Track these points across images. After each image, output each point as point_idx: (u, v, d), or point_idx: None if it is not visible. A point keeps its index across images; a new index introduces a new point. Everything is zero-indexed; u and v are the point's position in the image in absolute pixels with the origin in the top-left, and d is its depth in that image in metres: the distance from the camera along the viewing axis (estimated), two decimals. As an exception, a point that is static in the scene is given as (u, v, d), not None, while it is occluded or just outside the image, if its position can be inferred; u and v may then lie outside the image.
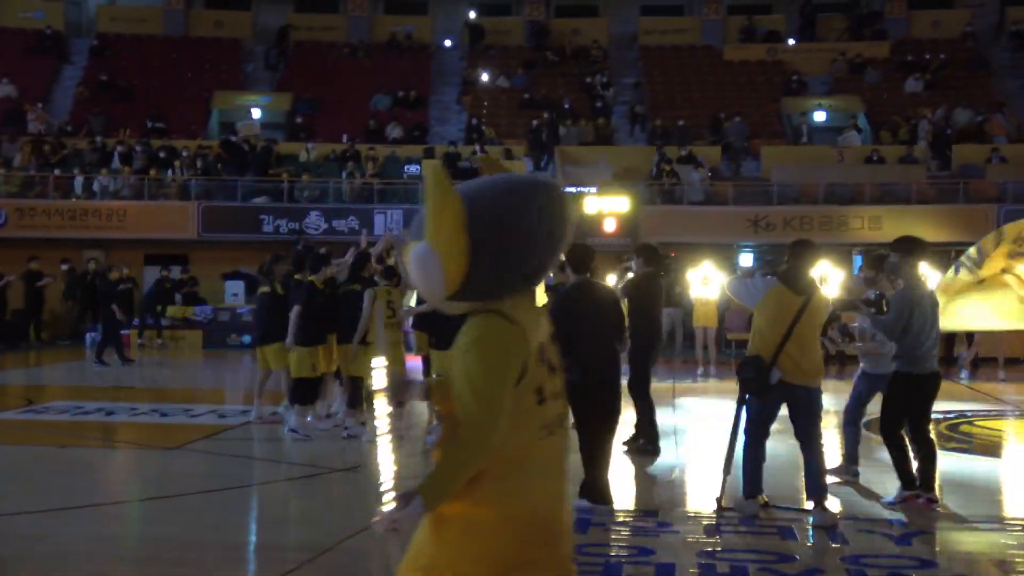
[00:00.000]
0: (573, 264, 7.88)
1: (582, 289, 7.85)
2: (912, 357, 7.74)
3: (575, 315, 7.53)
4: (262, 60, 34.33)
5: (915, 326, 7.66)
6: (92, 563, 6.42)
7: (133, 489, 8.94)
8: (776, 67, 33.26)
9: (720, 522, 7.46)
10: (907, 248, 7.86)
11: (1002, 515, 8.22)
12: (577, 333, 7.30)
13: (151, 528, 7.46)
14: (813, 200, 25.37)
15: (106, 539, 7.09)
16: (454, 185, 3.07)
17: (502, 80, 33.00)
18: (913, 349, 7.70)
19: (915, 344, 7.70)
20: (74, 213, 25.17)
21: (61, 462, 10.00)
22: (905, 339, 7.71)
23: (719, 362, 18.94)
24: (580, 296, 7.78)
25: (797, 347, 7.32)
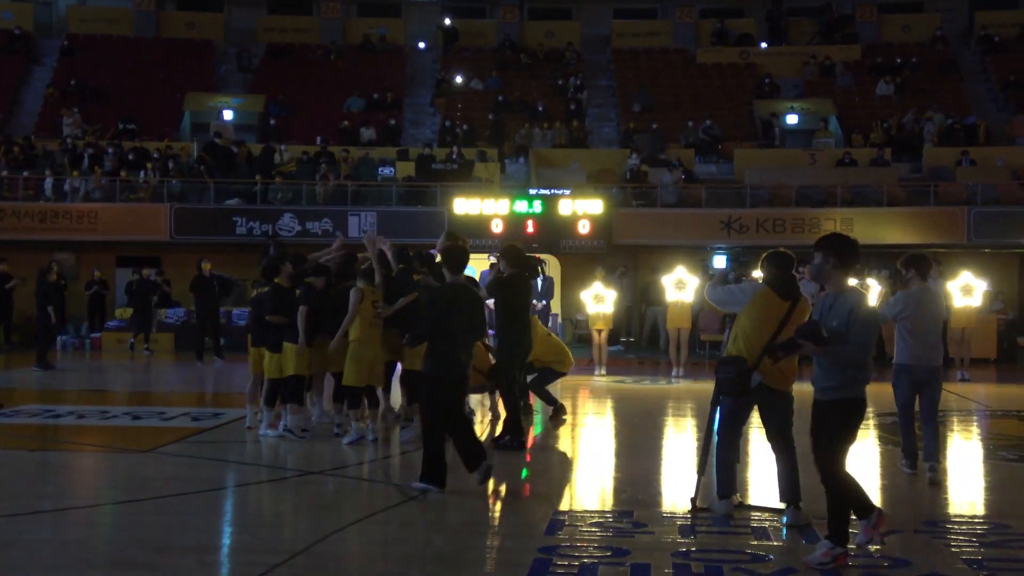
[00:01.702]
0: (449, 265, 8.72)
1: (454, 289, 8.54)
2: (855, 378, 6.49)
3: (441, 313, 8.32)
4: (234, 62, 34.16)
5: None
6: (62, 569, 6.34)
7: (105, 493, 8.85)
8: (748, 70, 33.44)
9: (695, 522, 7.47)
10: (835, 249, 6.56)
11: (976, 514, 8.27)
12: (444, 329, 8.25)
13: (123, 532, 7.37)
14: (786, 202, 25.49)
15: (77, 543, 7.00)
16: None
17: (476, 82, 32.98)
18: (859, 370, 6.49)
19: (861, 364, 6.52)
20: (44, 215, 24.93)
21: (31, 466, 9.89)
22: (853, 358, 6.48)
23: (691, 363, 19.03)
24: (450, 296, 8.46)
25: None
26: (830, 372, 6.44)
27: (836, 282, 6.51)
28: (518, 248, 11.00)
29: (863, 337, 6.38)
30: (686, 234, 24.66)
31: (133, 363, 20.64)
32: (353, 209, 24.92)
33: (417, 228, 23.88)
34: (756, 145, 29.90)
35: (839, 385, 6.40)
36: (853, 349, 6.37)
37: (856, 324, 6.36)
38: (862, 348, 6.40)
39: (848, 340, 6.35)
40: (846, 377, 6.40)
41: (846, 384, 6.40)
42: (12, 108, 31.55)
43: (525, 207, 23.78)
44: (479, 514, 8.06)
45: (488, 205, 23.72)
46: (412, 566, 6.55)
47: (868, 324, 6.45)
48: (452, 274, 8.68)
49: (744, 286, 7.89)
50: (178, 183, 26.19)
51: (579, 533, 7.23)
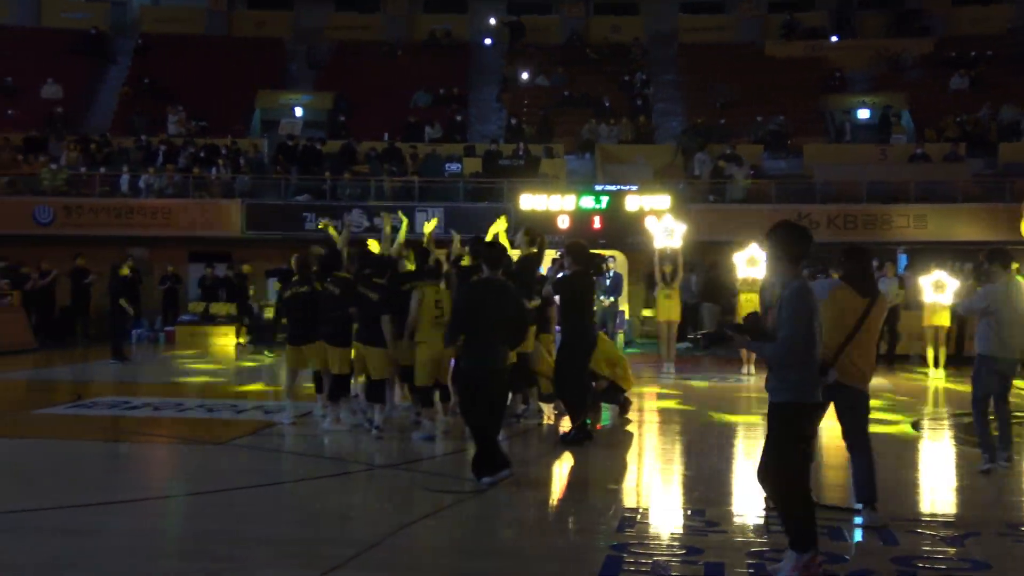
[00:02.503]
0: (487, 261, 8.82)
1: (487, 285, 8.66)
2: (800, 380, 5.93)
3: (477, 307, 8.44)
4: (303, 59, 34.49)
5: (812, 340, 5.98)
6: (136, 557, 6.44)
7: (178, 484, 8.98)
8: (818, 64, 32.94)
9: (768, 522, 7.35)
10: (782, 238, 6.05)
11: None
12: (476, 324, 8.38)
13: (197, 523, 7.47)
14: (856, 198, 25.10)
15: (152, 533, 7.11)
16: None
17: (541, 78, 32.93)
18: (801, 370, 5.94)
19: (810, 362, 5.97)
20: (120, 211, 25.40)
21: (107, 456, 10.08)
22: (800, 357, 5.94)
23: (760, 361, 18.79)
24: (483, 290, 8.61)
25: (858, 349, 7.23)
26: (773, 372, 6.00)
27: (785, 274, 5.98)
28: (582, 245, 10.92)
29: (790, 334, 5.80)
30: (755, 231, 24.18)
31: (205, 356, 20.94)
32: (420, 205, 25.02)
33: (483, 224, 23.68)
34: (826, 140, 29.46)
35: (780, 386, 5.91)
36: (777, 347, 5.84)
37: (784, 320, 5.83)
38: (786, 346, 5.80)
39: (780, 336, 5.85)
40: (787, 378, 5.87)
41: (788, 386, 5.87)
42: (88, 106, 32.20)
43: (591, 203, 23.66)
44: (550, 509, 8.04)
45: (554, 201, 23.65)
46: (483, 560, 6.54)
47: (797, 320, 5.81)
48: (490, 270, 8.77)
49: (821, 283, 7.75)
50: (248, 179, 26.52)
51: (651, 530, 7.17)
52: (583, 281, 10.61)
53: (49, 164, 26.68)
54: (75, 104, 31.47)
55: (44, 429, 11.38)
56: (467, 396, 8.63)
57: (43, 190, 25.78)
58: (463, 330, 8.54)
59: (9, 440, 10.70)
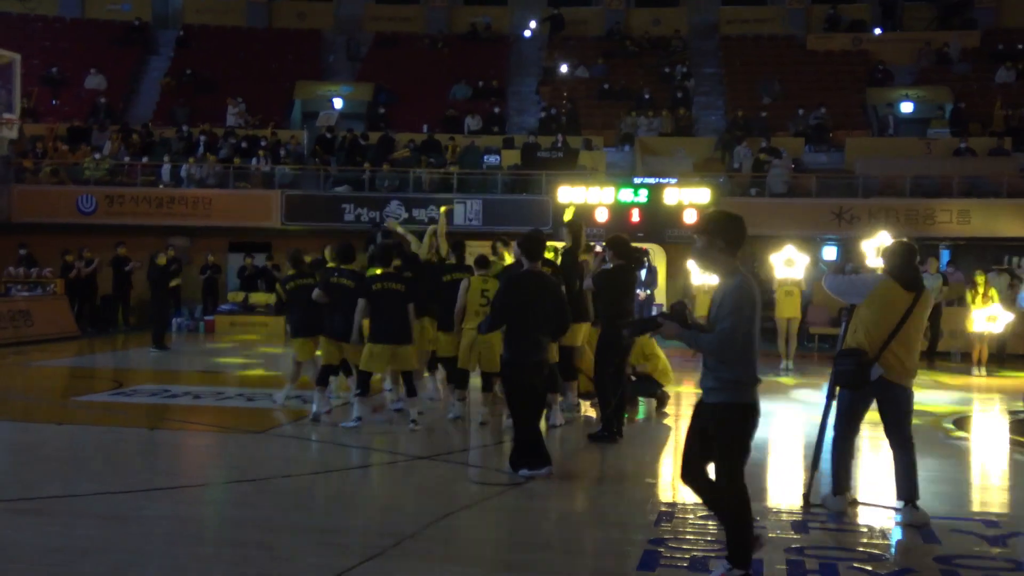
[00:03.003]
0: (527, 252, 8.74)
1: (529, 277, 8.63)
2: (736, 380, 5.61)
3: (516, 299, 8.45)
4: (343, 51, 34.61)
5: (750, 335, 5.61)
6: (177, 545, 6.50)
7: (218, 472, 9.05)
8: (861, 57, 32.60)
9: (807, 519, 7.30)
10: (721, 229, 5.64)
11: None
12: (517, 317, 8.39)
13: (237, 511, 7.53)
14: (899, 192, 24.83)
15: (191, 520, 7.18)
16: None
17: (581, 70, 32.84)
18: (737, 369, 5.59)
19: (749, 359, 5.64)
20: (161, 201, 25.65)
21: (148, 444, 10.19)
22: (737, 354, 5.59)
23: (800, 355, 18.67)
24: (525, 283, 8.57)
25: (902, 344, 7.15)
26: (708, 370, 5.67)
27: (724, 266, 5.62)
28: (624, 239, 10.87)
29: (729, 327, 5.44)
30: (795, 224, 24.16)
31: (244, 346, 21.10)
32: (459, 196, 25.05)
33: (522, 216, 23.91)
34: (868, 134, 29.16)
35: (716, 386, 5.59)
36: (715, 339, 5.49)
37: (725, 313, 5.48)
38: (724, 339, 5.46)
39: (719, 328, 5.49)
40: (722, 377, 5.55)
41: (723, 385, 5.56)
42: (131, 97, 32.52)
43: (630, 196, 23.56)
44: (588, 503, 8.03)
45: (592, 194, 23.57)
46: (521, 552, 6.54)
47: (738, 314, 5.45)
48: (529, 261, 8.75)
49: (866, 276, 7.65)
50: (289, 171, 26.69)
51: (688, 525, 7.14)
52: (625, 275, 10.54)
53: (92, 154, 26.98)
54: (118, 95, 31.81)
55: (85, 416, 11.53)
56: (511, 389, 8.67)
57: (86, 179, 26.10)
58: (504, 323, 8.56)
59: (51, 426, 10.86)
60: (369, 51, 34.43)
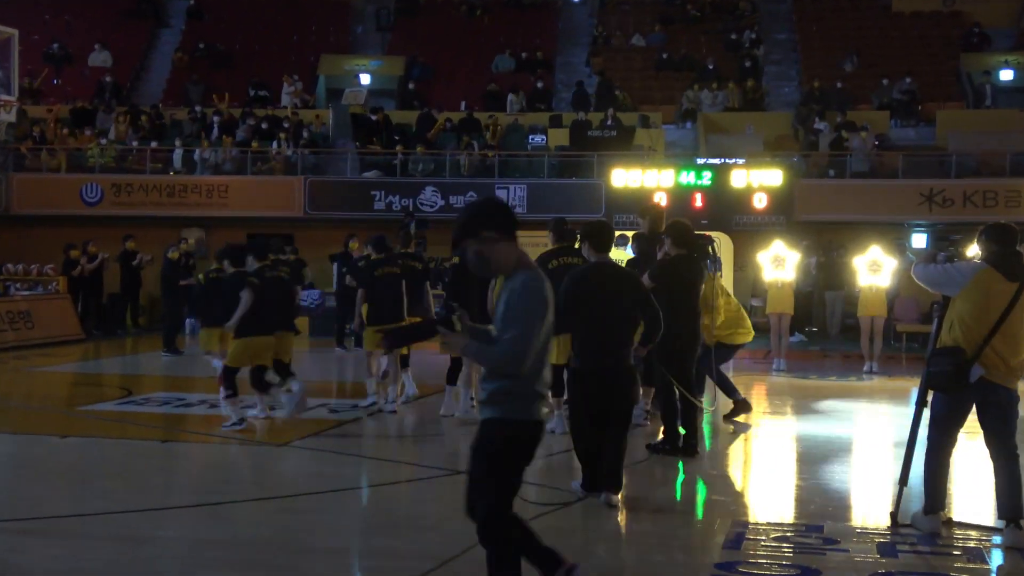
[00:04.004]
0: (593, 242, 8.56)
1: (598, 270, 8.45)
2: (519, 392, 5.15)
3: (584, 297, 8.27)
4: (372, 21, 34.76)
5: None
6: (198, 569, 6.57)
7: (238, 488, 9.13)
8: (953, 19, 32.25)
9: (895, 540, 7.25)
10: (484, 217, 5.18)
11: None
12: (583, 317, 8.24)
13: (259, 530, 7.59)
14: (998, 171, 24.55)
15: (211, 542, 7.25)
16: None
17: (637, 39, 32.74)
18: (519, 381, 5.13)
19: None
20: (173, 189, 25.93)
21: (162, 457, 10.31)
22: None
23: (885, 357, 18.50)
24: (594, 278, 8.40)
25: (1005, 341, 7.07)
26: (485, 381, 5.19)
27: (503, 261, 5.15)
28: (685, 224, 10.77)
29: (520, 335, 4.92)
30: (879, 209, 23.98)
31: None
32: (501, 182, 25.09)
33: (571, 202, 23.90)
34: (962, 106, 28.81)
35: (490, 399, 5.13)
36: (505, 351, 4.96)
37: (513, 317, 4.97)
38: (516, 350, 4.93)
39: (506, 337, 4.97)
40: (499, 389, 5.10)
41: (499, 399, 5.10)
42: (139, 75, 32.90)
43: (692, 179, 23.44)
44: (647, 524, 8.00)
45: (650, 177, 23.48)
46: (573, 579, 6.53)
47: (528, 320, 4.96)
48: (596, 252, 8.58)
49: (961, 265, 7.53)
50: (312, 155, 26.86)
51: (761, 548, 7.10)
52: (687, 266, 10.41)
53: (97, 138, 27.33)
54: (125, 72, 32.21)
55: (93, 427, 11.68)
56: (577, 406, 8.44)
57: (91, 166, 26.44)
58: (569, 326, 8.32)
59: (55, 439, 11.00)
60: (400, 20, 34.56)
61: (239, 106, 29.37)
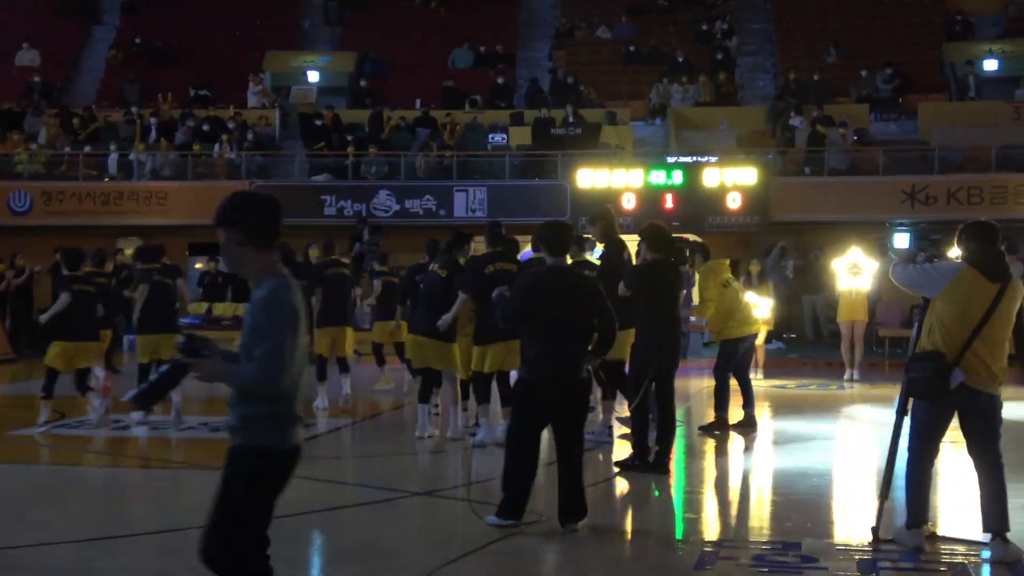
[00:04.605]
0: (549, 244, 8.37)
1: (554, 275, 8.28)
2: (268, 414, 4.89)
3: (538, 303, 8.10)
4: (320, 14, 34.70)
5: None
6: (139, 601, 6.57)
7: (183, 515, 9.10)
8: (936, 6, 32.57)
9: (877, 557, 7.34)
10: (236, 215, 5.10)
11: None
12: (536, 324, 8.03)
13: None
14: (983, 167, 24.81)
15: (157, 573, 7.24)
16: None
17: (603, 31, 32.88)
18: (282, 401, 4.90)
19: None
20: (108, 196, 25.76)
21: (99, 484, 10.26)
22: None
23: (867, 363, 18.68)
24: (549, 282, 8.21)
25: (987, 344, 7.15)
26: (232, 404, 4.90)
27: (252, 267, 4.92)
28: (660, 227, 10.81)
29: (269, 350, 4.66)
30: (859, 207, 24.17)
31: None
32: (460, 184, 25.12)
33: (534, 204, 23.94)
34: (945, 97, 29.14)
35: (240, 424, 4.85)
36: (250, 375, 4.70)
37: (262, 332, 4.72)
38: (264, 373, 4.67)
39: (256, 354, 4.69)
40: (249, 413, 4.82)
41: (249, 423, 4.82)
42: (71, 74, 32.67)
43: (663, 178, 23.61)
44: (615, 545, 8.06)
45: (618, 177, 23.63)
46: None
47: (277, 335, 4.68)
48: (553, 255, 8.37)
49: (941, 265, 7.63)
50: (258, 157, 26.78)
51: (735, 569, 7.18)
52: (664, 271, 10.42)
53: (26, 143, 27.12)
54: (55, 72, 31.96)
55: (24, 453, 11.62)
56: (523, 419, 8.15)
57: (19, 173, 26.22)
58: (520, 333, 8.28)
59: (-16, 466, 10.94)
60: (351, 14, 34.51)
61: (179, 107, 29.24)
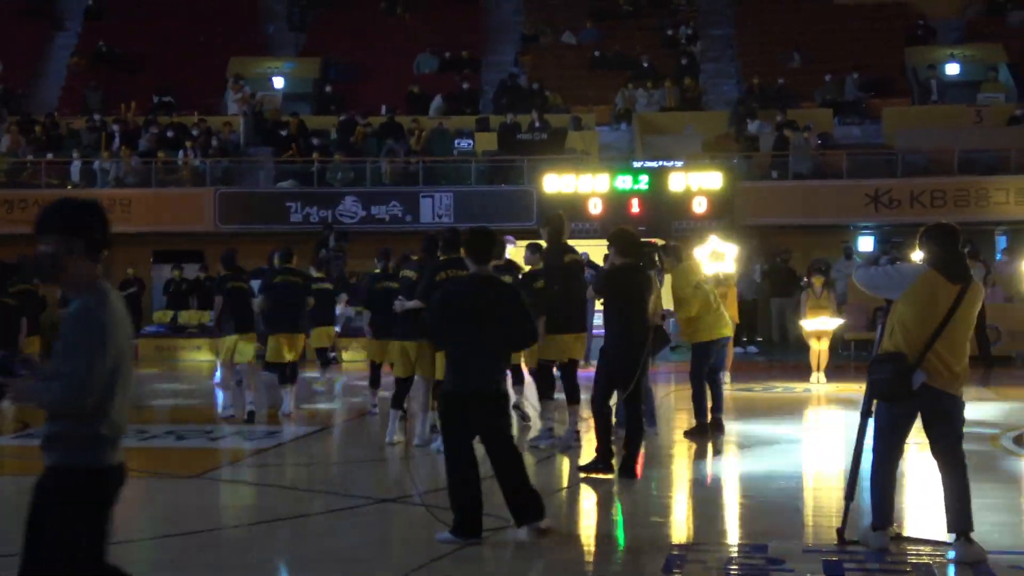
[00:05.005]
0: (471, 252, 8.16)
1: (474, 283, 8.07)
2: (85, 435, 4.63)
3: (456, 313, 7.90)
4: (284, 20, 34.60)
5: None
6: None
7: (148, 524, 9.05)
8: (898, 11, 32.83)
9: (843, 558, 7.36)
10: (73, 223, 4.69)
11: None
12: (455, 334, 7.85)
13: (170, 571, 7.53)
14: (947, 170, 25.01)
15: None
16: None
17: (568, 36, 32.94)
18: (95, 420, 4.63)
19: None
20: (71, 204, 25.52)
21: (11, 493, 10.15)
22: None
23: (833, 366, 18.77)
24: (468, 291, 8.02)
25: (948, 345, 7.17)
26: (45, 423, 4.67)
27: (75, 279, 4.66)
28: (628, 232, 10.77)
29: (75, 369, 4.42)
30: (824, 211, 24.34)
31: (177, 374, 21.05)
32: (426, 190, 25.10)
33: (501, 210, 24.00)
34: (908, 102, 29.35)
35: (50, 443, 4.63)
36: (64, 390, 4.42)
37: (69, 349, 4.48)
38: (69, 391, 4.42)
39: (62, 371, 4.44)
40: (59, 432, 4.58)
41: (60, 442, 4.60)
42: (33, 81, 32.42)
43: (628, 183, 23.66)
44: (580, 550, 8.05)
45: (584, 182, 23.67)
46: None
47: (82, 352, 4.45)
48: (476, 263, 8.18)
49: (903, 267, 7.67)
50: (223, 164, 26.66)
51: (703, 572, 7.18)
52: (633, 276, 10.38)
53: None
54: (16, 78, 31.72)
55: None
56: (450, 433, 8.00)
57: (-21, 182, 26.02)
58: (441, 344, 8.12)
59: (-54, 477, 10.82)
60: (315, 20, 34.44)
61: (143, 113, 29.08)
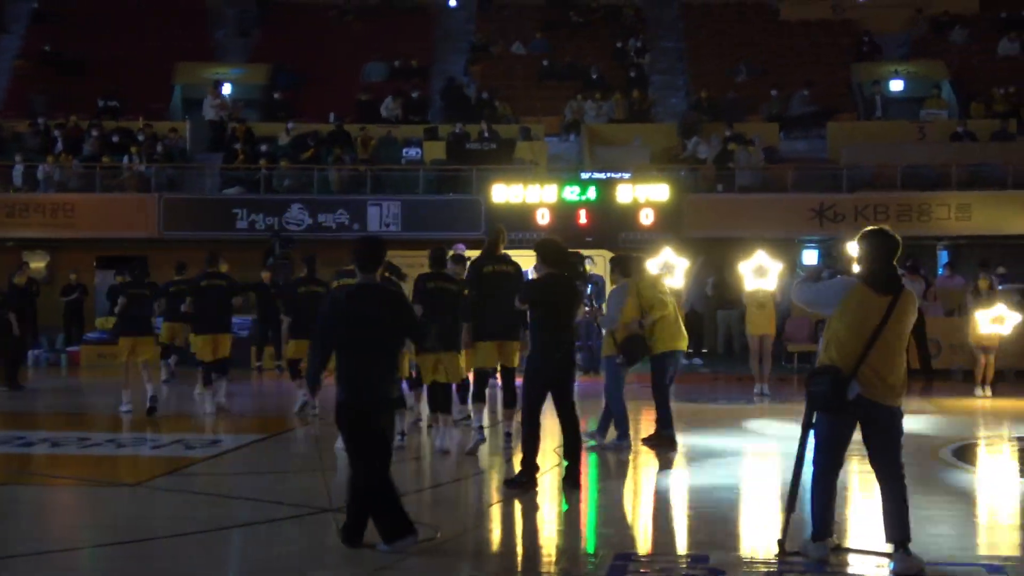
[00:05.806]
0: (359, 261, 8.09)
1: (360, 293, 7.99)
2: None
3: (342, 323, 7.84)
4: (233, 25, 34.42)
5: None
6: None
7: (86, 534, 8.95)
8: (843, 27, 33.19)
9: (783, 569, 7.41)
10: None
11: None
12: (343, 345, 7.79)
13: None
14: (890, 185, 25.30)
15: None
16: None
17: (518, 46, 33.01)
18: None
19: None
20: (13, 208, 25.30)
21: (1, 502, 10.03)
22: None
23: (776, 378, 18.92)
24: (353, 301, 7.94)
25: (881, 357, 7.24)
26: None
27: None
28: (553, 242, 10.75)
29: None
30: (770, 224, 24.48)
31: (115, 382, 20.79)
32: (373, 198, 25.05)
33: (449, 219, 24.00)
34: (855, 117, 29.67)
35: None
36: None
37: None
38: None
39: None
40: None
41: None
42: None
43: (576, 194, 23.74)
44: (522, 560, 8.05)
45: (532, 192, 23.72)
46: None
47: None
48: (363, 272, 8.09)
49: (834, 282, 7.74)
50: (168, 170, 26.46)
51: (645, 581, 7.21)
52: (558, 286, 10.39)
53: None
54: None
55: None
56: (351, 442, 7.91)
57: (-80, 186, 25.66)
58: (327, 352, 7.96)
59: None
60: (264, 25, 34.28)
61: (88, 117, 28.81)
